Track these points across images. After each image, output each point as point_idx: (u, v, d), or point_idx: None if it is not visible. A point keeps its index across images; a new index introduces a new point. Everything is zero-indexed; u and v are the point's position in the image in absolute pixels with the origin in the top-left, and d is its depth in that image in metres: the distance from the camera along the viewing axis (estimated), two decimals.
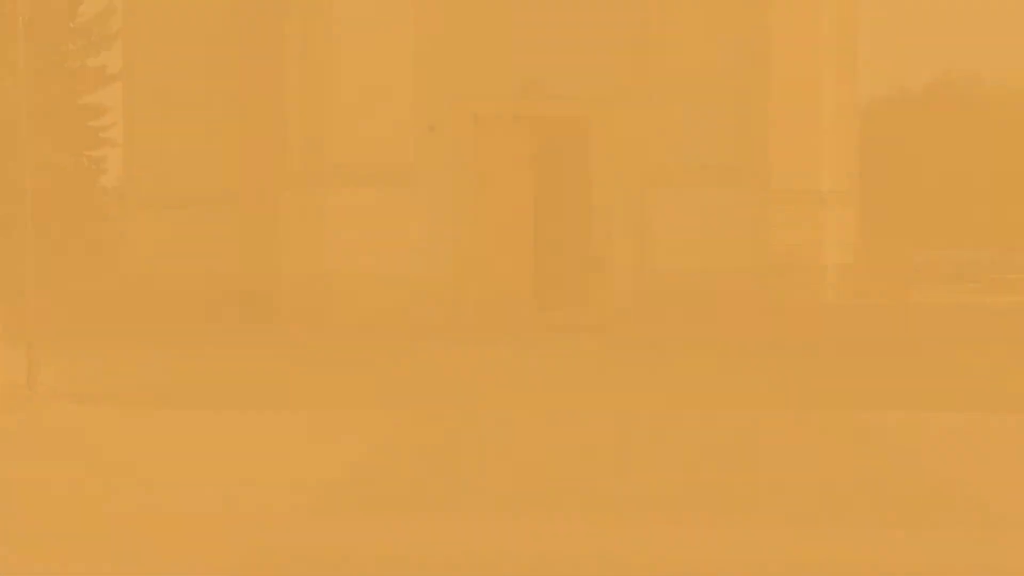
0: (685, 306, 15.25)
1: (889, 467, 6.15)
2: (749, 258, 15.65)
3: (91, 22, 34.07)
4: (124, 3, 21.87)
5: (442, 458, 6.49)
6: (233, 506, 5.00)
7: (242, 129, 19.55)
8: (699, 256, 15.18)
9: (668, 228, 15.22)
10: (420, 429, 7.46)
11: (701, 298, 15.25)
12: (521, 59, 15.37)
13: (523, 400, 8.80)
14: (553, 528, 4.38)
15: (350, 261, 14.75)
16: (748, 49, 15.92)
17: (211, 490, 5.37)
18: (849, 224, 22.16)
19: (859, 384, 9.48)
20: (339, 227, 14.74)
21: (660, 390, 9.31)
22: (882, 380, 9.77)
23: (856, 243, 22.38)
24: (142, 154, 20.63)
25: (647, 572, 3.75)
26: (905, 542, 4.17)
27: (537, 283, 16.12)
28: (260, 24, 18.44)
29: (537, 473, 6.01)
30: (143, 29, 20.48)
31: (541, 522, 4.49)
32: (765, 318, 15.87)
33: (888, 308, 19.36)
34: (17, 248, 10.50)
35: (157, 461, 6.44)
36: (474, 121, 15.49)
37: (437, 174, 15.30)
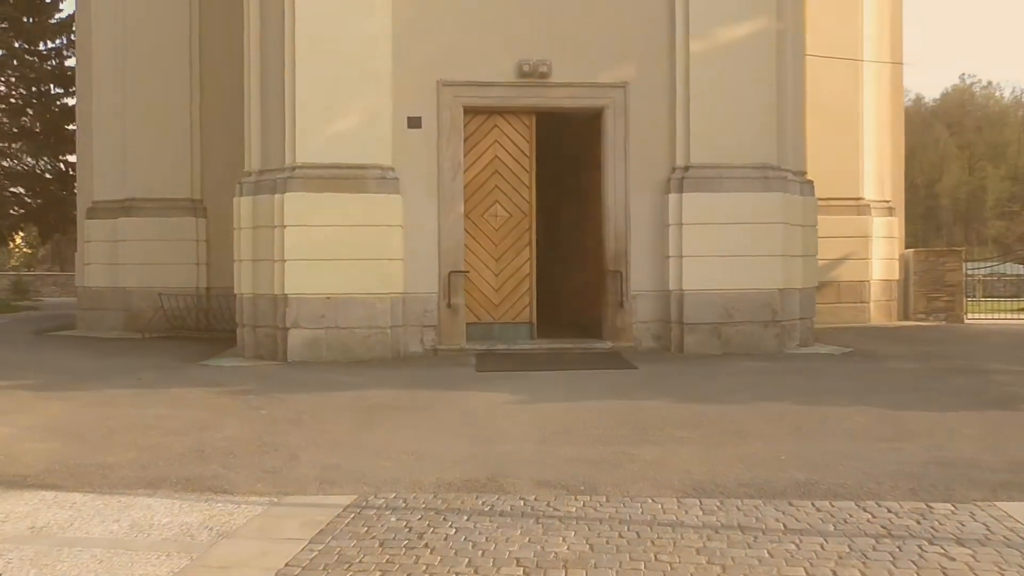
0: (717, 332, 12.78)
1: None
2: (792, 275, 13.15)
3: (71, 19, 32.07)
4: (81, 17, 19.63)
5: None
6: None
7: (204, 132, 17.54)
8: (733, 272, 12.69)
9: (698, 238, 12.73)
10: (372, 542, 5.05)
11: (735, 322, 12.77)
12: (520, 38, 12.96)
13: (530, 481, 6.35)
14: None
15: (317, 278, 12.32)
16: (785, 30, 13.46)
17: None
18: (895, 237, 19.70)
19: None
20: (302, 239, 12.31)
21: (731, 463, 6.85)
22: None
23: (903, 257, 19.93)
24: (99, 158, 18.38)
25: None
26: None
27: (540, 304, 13.67)
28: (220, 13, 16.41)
29: None
30: (96, 26, 18.27)
31: None
32: (817, 351, 13.42)
33: (949, 331, 16.82)
34: None
35: None
36: (464, 113, 13.04)
37: (420, 176, 12.88)
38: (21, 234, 41.76)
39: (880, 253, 19.11)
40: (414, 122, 12.77)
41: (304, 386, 10.35)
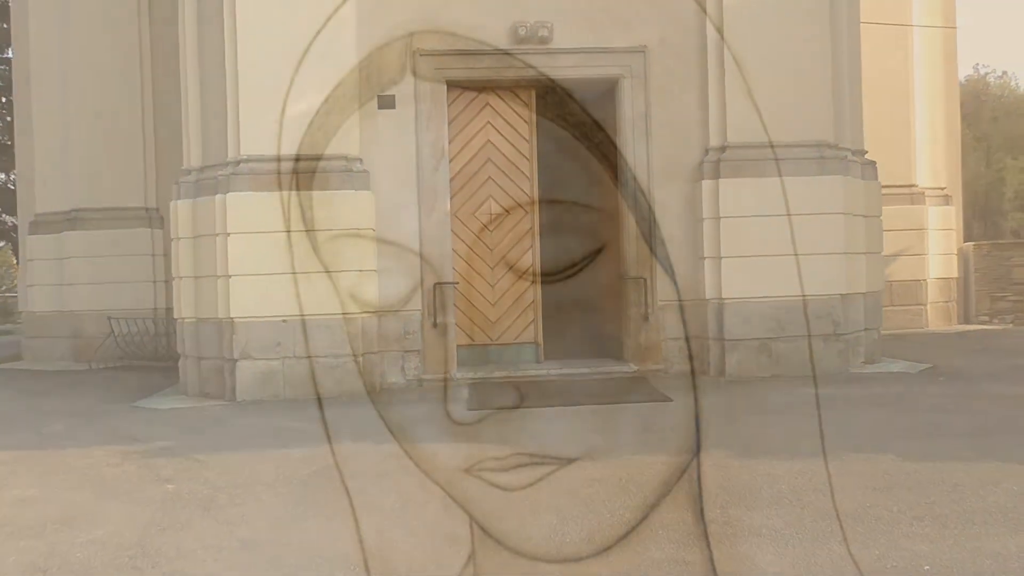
0: (766, 350, 10.40)
1: None
2: (856, 277, 10.78)
3: None
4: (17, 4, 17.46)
5: None
6: None
7: (158, 131, 15.35)
8: (784, 275, 10.30)
9: (739, 235, 10.37)
10: None
11: (788, 337, 10.39)
12: None
13: None
14: None
15: (269, 297, 9.97)
16: None
17: None
18: (952, 230, 17.28)
19: None
20: (250, 249, 9.98)
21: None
22: None
23: (962, 252, 17.51)
24: (41, 165, 16.15)
25: None
26: None
27: (546, 318, 11.30)
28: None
29: None
30: (34, 12, 16.07)
31: None
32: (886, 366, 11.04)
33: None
34: None
35: None
36: (448, 89, 10.70)
37: (395, 167, 10.58)
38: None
39: (937, 248, 16.70)
40: (386, 101, 10.41)
41: (241, 439, 8.04)
